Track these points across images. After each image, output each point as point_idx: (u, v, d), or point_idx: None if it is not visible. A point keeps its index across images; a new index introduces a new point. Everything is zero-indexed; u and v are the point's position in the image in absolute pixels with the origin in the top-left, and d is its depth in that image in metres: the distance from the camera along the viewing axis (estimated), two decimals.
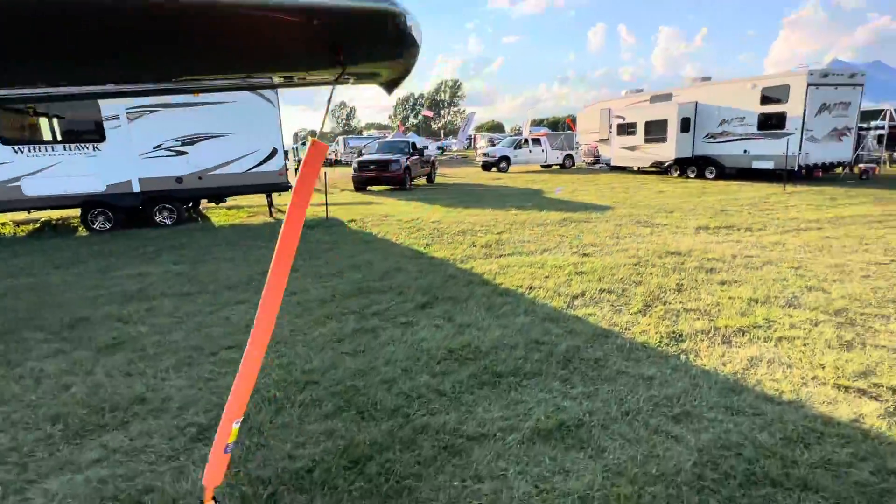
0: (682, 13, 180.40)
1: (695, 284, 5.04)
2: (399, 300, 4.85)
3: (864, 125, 18.24)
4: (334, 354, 3.64)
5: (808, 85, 13.48)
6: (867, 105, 16.16)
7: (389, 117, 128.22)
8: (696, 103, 16.84)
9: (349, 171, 18.01)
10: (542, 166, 27.48)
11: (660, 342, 3.71)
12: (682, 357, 3.46)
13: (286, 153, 48.73)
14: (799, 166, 14.00)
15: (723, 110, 15.96)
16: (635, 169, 20.10)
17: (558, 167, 27.13)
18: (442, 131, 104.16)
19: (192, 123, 9.42)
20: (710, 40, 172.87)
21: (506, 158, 25.48)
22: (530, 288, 5.09)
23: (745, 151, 15.42)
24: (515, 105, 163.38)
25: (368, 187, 16.61)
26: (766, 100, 14.62)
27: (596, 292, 4.89)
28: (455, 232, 8.33)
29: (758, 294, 4.65)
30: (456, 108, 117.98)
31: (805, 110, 13.62)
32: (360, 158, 17.11)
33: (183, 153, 9.48)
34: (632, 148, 19.04)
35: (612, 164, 20.68)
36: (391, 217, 10.16)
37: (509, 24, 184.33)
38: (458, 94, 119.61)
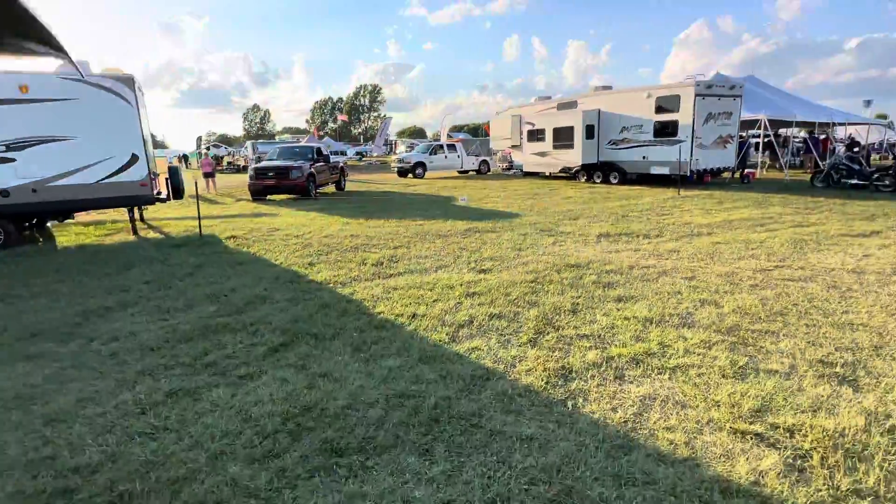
0: (587, 28, 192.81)
1: (591, 303, 4.64)
2: (249, 342, 3.93)
3: (744, 133, 19.97)
4: (123, 436, 2.68)
5: (696, 95, 14.29)
6: (745, 115, 17.61)
7: (307, 121, 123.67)
8: (599, 111, 17.38)
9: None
10: (459, 172, 27.34)
11: (546, 383, 3.16)
12: (570, 403, 2.93)
13: (185, 159, 45.07)
14: (691, 171, 14.80)
15: (623, 118, 16.57)
16: (547, 174, 20.42)
17: (474, 173, 27.15)
18: (362, 136, 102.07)
19: (19, 124, 7.71)
20: (614, 54, 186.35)
21: (421, 164, 24.96)
22: (413, 317, 4.40)
23: (644, 157, 16.09)
24: (437, 111, 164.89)
25: (269, 196, 15.21)
26: (660, 109, 15.34)
27: (485, 319, 4.31)
28: (347, 247, 7.48)
29: (653, 312, 4.33)
30: (376, 114, 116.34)
31: (694, 119, 14.43)
32: (257, 165, 15.65)
33: (8, 160, 7.72)
34: (542, 154, 19.29)
35: (525, 169, 20.89)
36: (280, 231, 9.07)
37: (428, 31, 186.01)
38: (378, 98, 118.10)
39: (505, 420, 2.75)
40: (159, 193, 9.76)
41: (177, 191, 9.53)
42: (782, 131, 23.90)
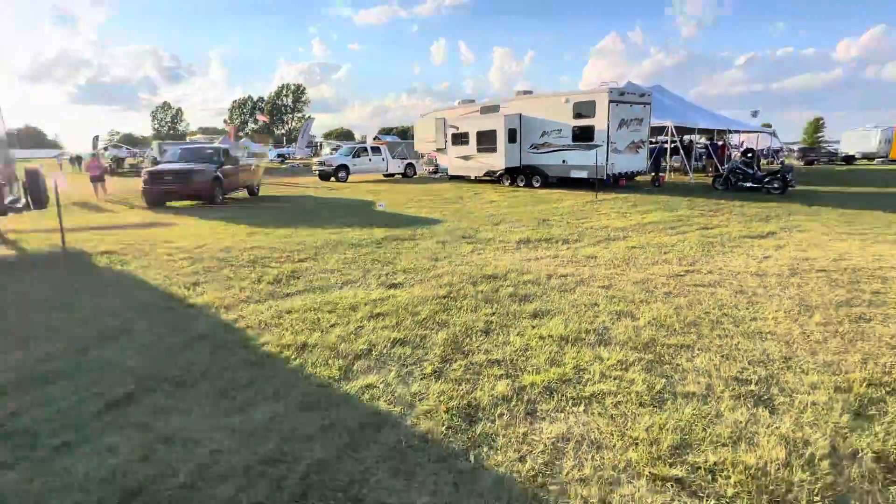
0: (510, 35, 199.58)
1: (505, 321, 4.26)
2: (82, 395, 3.10)
3: (654, 139, 21.17)
4: None
5: (610, 101, 14.78)
6: (653, 122, 18.61)
7: (224, 121, 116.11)
8: (521, 115, 17.54)
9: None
10: (385, 175, 26.66)
11: (447, 429, 2.69)
12: (472, 455, 2.47)
13: (79, 160, 40.18)
14: (607, 175, 15.29)
15: (544, 122, 16.83)
16: (472, 178, 20.33)
17: (401, 176, 26.59)
18: (285, 138, 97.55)
19: None
20: (537, 61, 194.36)
21: (344, 167, 23.97)
22: (302, 348, 3.77)
23: (563, 161, 16.43)
24: (365, 113, 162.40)
25: (170, 203, 13.60)
26: (578, 114, 15.73)
27: (387, 346, 3.78)
28: (244, 262, 6.62)
29: (569, 329, 4.03)
30: (300, 114, 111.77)
31: (609, 124, 14.91)
32: (152, 168, 13.99)
33: None
34: (466, 157, 19.16)
35: (450, 173, 20.67)
36: (171, 244, 7.94)
37: (354, 32, 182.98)
38: (303, 99, 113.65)
39: (392, 487, 2.23)
40: (15, 201, 8.21)
41: (38, 199, 8.05)
42: (686, 137, 25.77)
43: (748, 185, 14.80)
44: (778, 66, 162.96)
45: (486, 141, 17.98)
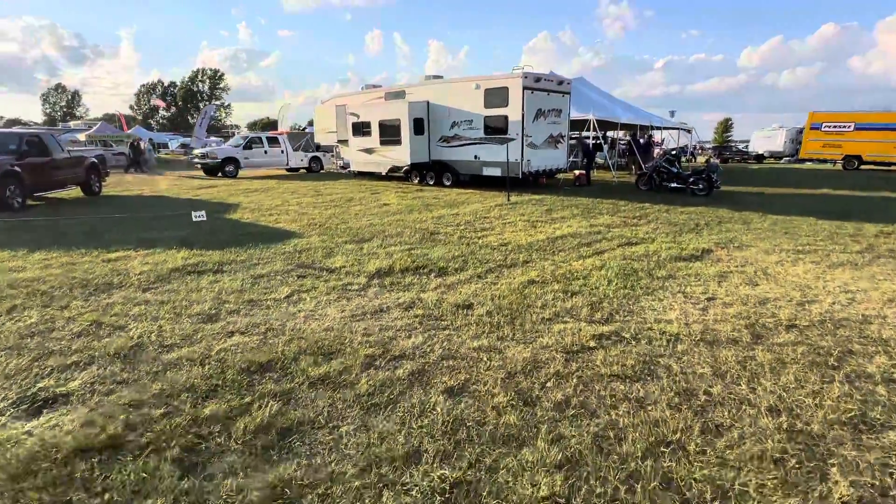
0: (445, 30, 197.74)
1: None
2: None
3: (575, 134, 19.76)
4: None
5: (524, 88, 12.79)
6: (574, 114, 17.04)
7: (130, 107, 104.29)
8: (428, 103, 15.19)
9: None
10: (288, 170, 23.37)
11: None
12: None
13: None
14: (523, 173, 13.35)
15: (454, 112, 14.58)
16: (383, 174, 17.70)
17: (305, 171, 23.43)
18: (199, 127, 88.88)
19: None
20: (471, 56, 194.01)
21: (232, 160, 20.45)
22: None
23: (475, 157, 14.30)
24: (296, 103, 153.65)
25: None
26: (489, 103, 13.62)
27: None
28: None
29: None
30: (218, 102, 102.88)
31: (524, 114, 12.94)
32: None
33: None
34: (369, 151, 16.54)
35: (353, 168, 17.94)
36: None
37: (283, 18, 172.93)
38: (221, 85, 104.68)
39: None
40: None
41: None
42: (609, 134, 24.76)
43: (673, 185, 13.47)
44: (692, 70, 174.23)
45: (390, 132, 15.47)
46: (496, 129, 13.61)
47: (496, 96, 13.43)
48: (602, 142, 23.85)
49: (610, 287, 4.94)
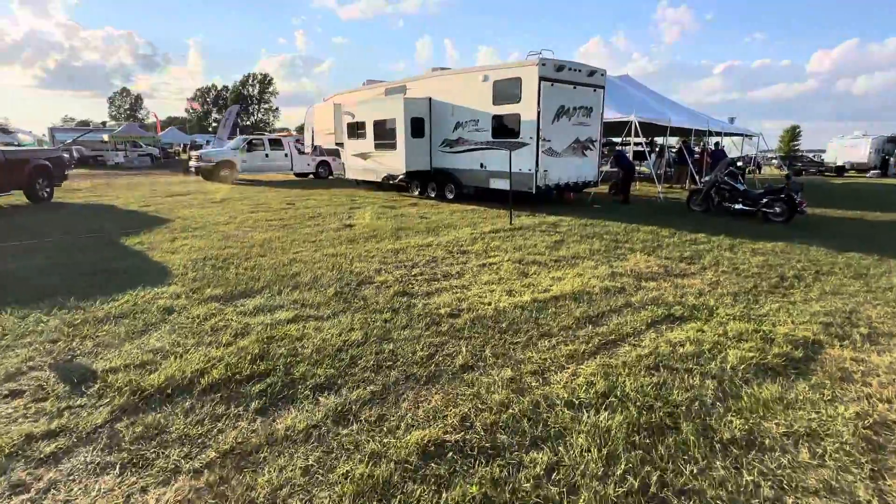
0: (496, 35, 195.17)
1: None
2: None
3: (617, 140, 16.60)
4: None
5: (541, 79, 9.99)
6: (612, 115, 13.97)
7: (186, 111, 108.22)
8: (430, 100, 12.64)
9: None
10: (297, 175, 21.49)
11: None
12: None
13: None
14: (538, 188, 10.51)
15: (458, 110, 11.95)
16: (383, 182, 15.25)
17: (313, 176, 21.45)
18: (252, 130, 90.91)
19: None
20: None
21: (228, 164, 18.72)
22: None
23: (481, 166, 11.59)
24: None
25: None
26: (499, 98, 10.89)
27: None
28: None
29: None
30: (267, 105, 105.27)
31: (540, 112, 10.13)
32: None
33: None
34: (364, 155, 14.18)
35: (348, 175, 15.61)
36: None
37: (338, 26, 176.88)
38: (270, 89, 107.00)
39: None
40: None
41: None
42: (658, 140, 21.28)
43: (737, 206, 10.22)
44: (754, 75, 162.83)
45: (385, 134, 13.03)
46: (506, 132, 10.86)
47: (507, 90, 10.69)
48: (647, 149, 20.49)
49: (610, 487, 2.16)
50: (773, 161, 36.92)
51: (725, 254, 6.78)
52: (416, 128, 12.55)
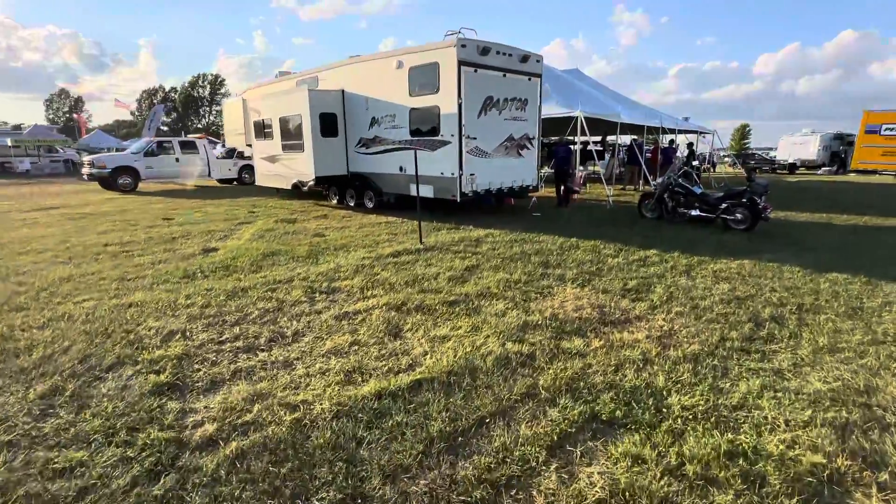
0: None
1: None
2: None
3: (556, 139, 15.10)
4: None
5: (461, 63, 8.25)
6: (556, 111, 12.44)
7: (132, 114, 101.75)
8: (343, 92, 10.72)
9: None
10: (220, 182, 19.06)
11: None
12: None
13: None
14: (463, 194, 8.76)
15: (373, 104, 10.08)
16: (304, 189, 13.10)
17: (237, 182, 19.08)
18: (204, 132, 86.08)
19: None
20: None
21: (128, 171, 16.16)
22: None
23: (401, 169, 9.76)
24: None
25: None
26: (416, 88, 9.10)
27: None
28: None
29: None
30: (219, 108, 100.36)
31: (461, 104, 8.39)
32: None
33: None
34: (272, 159, 12.10)
35: (258, 182, 13.44)
36: None
37: (299, 26, 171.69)
38: (221, 91, 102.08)
39: None
40: None
41: None
42: (611, 138, 20.06)
43: (694, 213, 8.79)
44: (706, 77, 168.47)
45: (291, 133, 11.02)
46: (426, 128, 9.07)
47: (424, 77, 8.89)
48: (603, 149, 19.23)
49: None
50: (727, 159, 36.77)
51: (681, 281, 5.18)
52: (328, 125, 10.60)
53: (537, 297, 4.62)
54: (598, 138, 20.03)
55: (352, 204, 11.32)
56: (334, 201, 11.87)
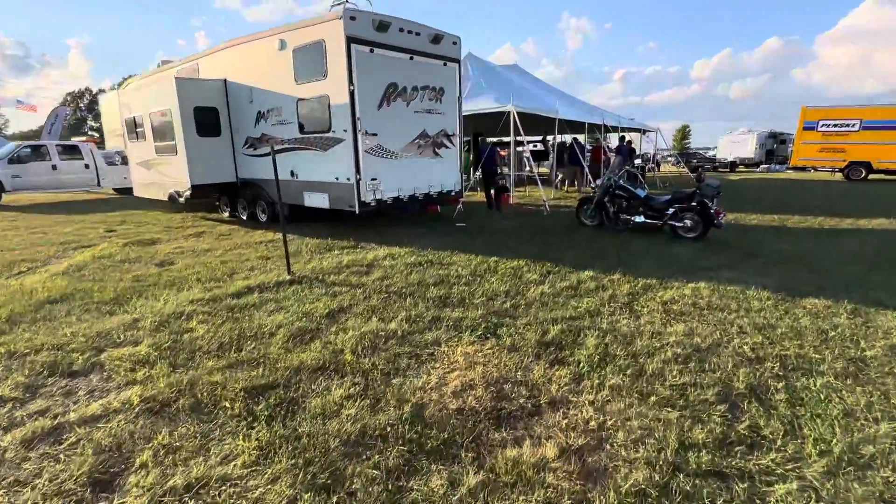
0: None
1: None
2: None
3: (480, 134, 13.76)
4: None
5: (350, 40, 6.59)
6: (488, 106, 11.03)
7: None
8: (226, 82, 8.80)
9: None
10: (117, 191, 16.39)
11: None
12: None
13: None
14: (364, 203, 7.08)
15: (258, 94, 8.23)
16: (181, 201, 10.78)
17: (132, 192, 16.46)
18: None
19: None
20: None
21: None
22: None
23: (292, 174, 7.97)
24: None
25: None
26: (301, 73, 7.36)
27: None
28: None
29: None
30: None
31: (353, 92, 6.72)
32: None
33: None
34: (146, 164, 9.96)
35: (136, 192, 11.21)
36: None
37: (244, 27, 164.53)
38: None
39: None
40: None
41: None
42: (551, 138, 18.98)
43: (638, 219, 7.52)
44: (649, 80, 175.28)
45: (163, 133, 8.97)
46: (316, 123, 7.33)
47: (310, 60, 7.16)
48: (545, 148, 18.10)
49: None
50: (670, 159, 37.00)
51: (621, 322, 3.73)
52: (206, 122, 8.64)
53: (408, 368, 3.02)
54: (540, 138, 18.91)
55: (244, 217, 9.39)
56: (226, 214, 9.89)
